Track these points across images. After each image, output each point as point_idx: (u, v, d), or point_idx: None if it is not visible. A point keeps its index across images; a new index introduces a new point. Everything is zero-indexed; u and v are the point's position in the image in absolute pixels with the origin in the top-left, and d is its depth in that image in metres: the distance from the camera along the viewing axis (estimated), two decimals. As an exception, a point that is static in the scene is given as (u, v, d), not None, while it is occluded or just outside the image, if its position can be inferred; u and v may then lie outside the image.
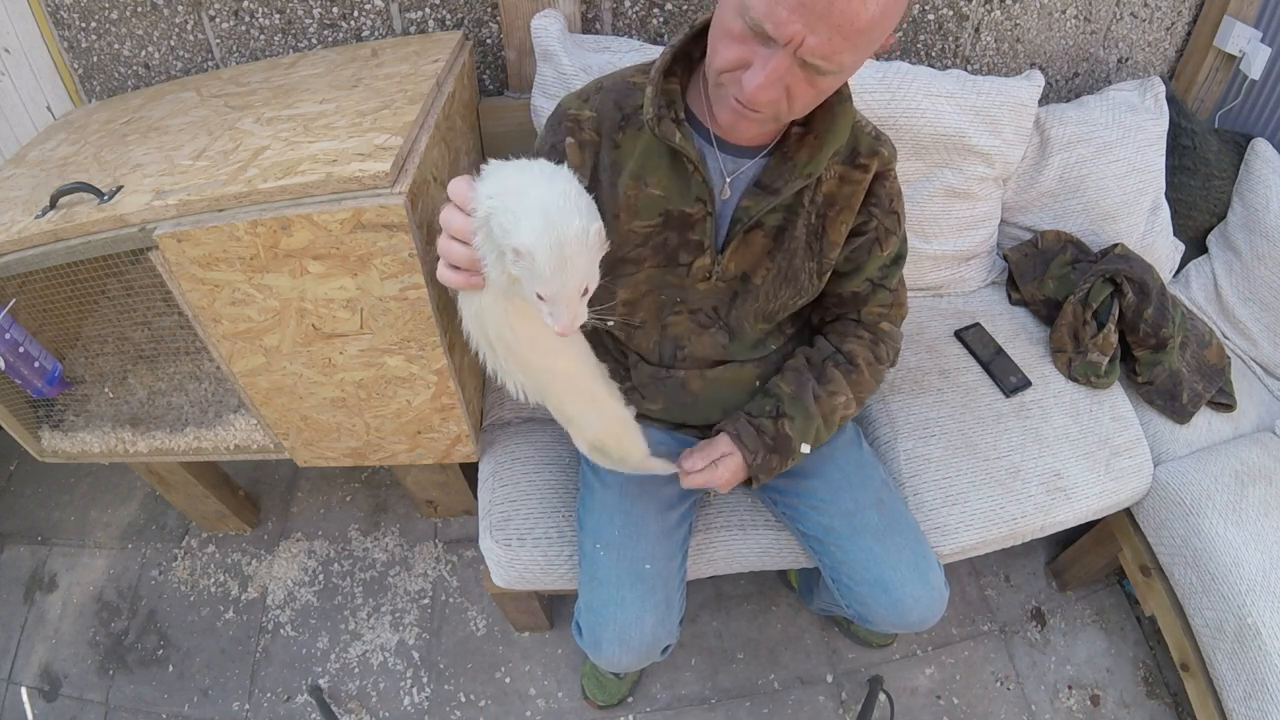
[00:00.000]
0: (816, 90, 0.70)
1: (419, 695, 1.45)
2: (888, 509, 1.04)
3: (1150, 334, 1.32)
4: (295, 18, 1.34)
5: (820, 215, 0.88)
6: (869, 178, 0.87)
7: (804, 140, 0.83)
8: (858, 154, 0.86)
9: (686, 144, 0.80)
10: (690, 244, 0.88)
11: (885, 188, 0.90)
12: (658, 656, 1.03)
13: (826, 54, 0.63)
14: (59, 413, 1.24)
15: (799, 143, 0.83)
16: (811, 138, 0.82)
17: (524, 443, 1.23)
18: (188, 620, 1.56)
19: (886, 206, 0.90)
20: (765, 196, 0.84)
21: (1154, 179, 1.46)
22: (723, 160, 0.86)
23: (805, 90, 0.69)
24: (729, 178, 0.86)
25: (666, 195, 0.85)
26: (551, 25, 1.23)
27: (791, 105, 0.71)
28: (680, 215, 0.86)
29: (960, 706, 1.44)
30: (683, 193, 0.85)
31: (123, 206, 0.90)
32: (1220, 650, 1.15)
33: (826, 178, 0.86)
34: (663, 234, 0.88)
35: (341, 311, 0.95)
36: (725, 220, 0.88)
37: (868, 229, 0.91)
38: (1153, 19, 1.53)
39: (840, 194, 0.87)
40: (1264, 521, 1.18)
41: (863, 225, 0.91)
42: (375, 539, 1.68)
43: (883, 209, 0.90)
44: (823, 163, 0.81)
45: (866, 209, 0.90)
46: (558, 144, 0.87)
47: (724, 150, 0.85)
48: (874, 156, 0.86)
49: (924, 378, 1.33)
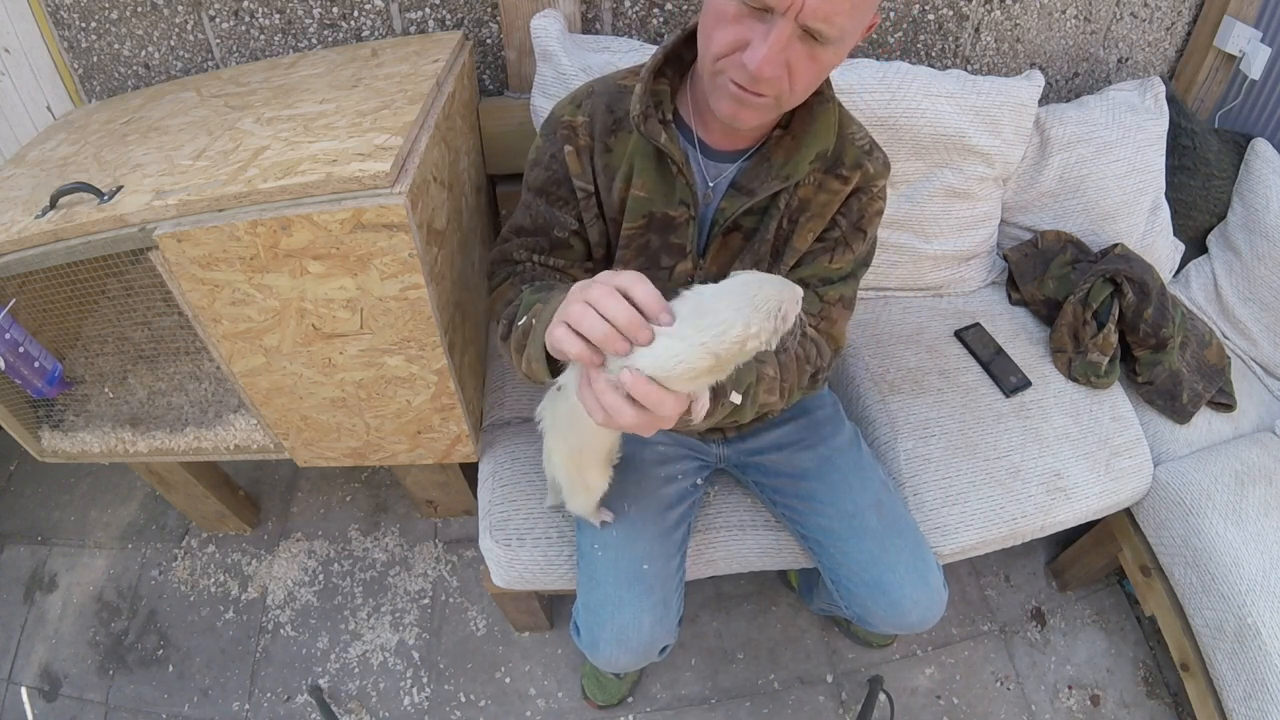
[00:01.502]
0: (818, 66, 0.69)
1: (419, 695, 1.45)
2: (887, 510, 1.04)
3: (1150, 334, 1.32)
4: (295, 18, 1.34)
5: (792, 220, 0.87)
6: (847, 190, 0.86)
7: (781, 142, 0.83)
8: (841, 164, 0.85)
9: (671, 145, 0.80)
10: (672, 247, 0.88)
11: (861, 202, 0.87)
12: (656, 657, 1.03)
13: (827, 14, 0.63)
14: (59, 413, 1.24)
15: (777, 145, 0.83)
16: (789, 139, 0.82)
17: (524, 443, 1.23)
18: (188, 620, 1.56)
19: (855, 220, 0.88)
20: (740, 197, 0.83)
21: (1154, 179, 1.46)
22: (705, 165, 0.86)
23: (807, 66, 0.68)
24: (712, 182, 0.86)
25: (650, 197, 0.85)
26: (551, 25, 1.23)
27: (793, 84, 0.70)
28: (663, 218, 0.86)
29: (960, 706, 1.44)
30: (666, 195, 0.85)
31: (123, 206, 0.90)
32: (1220, 650, 1.15)
33: (806, 184, 0.85)
34: (645, 236, 0.87)
35: (341, 311, 0.95)
36: (707, 224, 0.88)
37: (827, 237, 0.89)
38: (1153, 19, 1.53)
39: (815, 201, 0.86)
40: (1264, 521, 1.18)
41: (825, 233, 0.89)
42: (375, 539, 1.68)
43: (849, 221, 0.88)
44: (801, 166, 0.81)
45: (835, 218, 0.88)
46: (557, 153, 0.87)
47: (707, 155, 0.85)
48: (857, 169, 0.85)
49: (924, 378, 1.33)
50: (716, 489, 1.18)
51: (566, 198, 0.89)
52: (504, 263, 0.93)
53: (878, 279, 1.48)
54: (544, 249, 0.91)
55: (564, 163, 0.86)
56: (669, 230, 0.87)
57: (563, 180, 0.88)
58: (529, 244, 0.91)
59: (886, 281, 1.49)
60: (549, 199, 0.89)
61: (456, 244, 1.12)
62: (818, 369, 0.90)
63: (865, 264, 0.93)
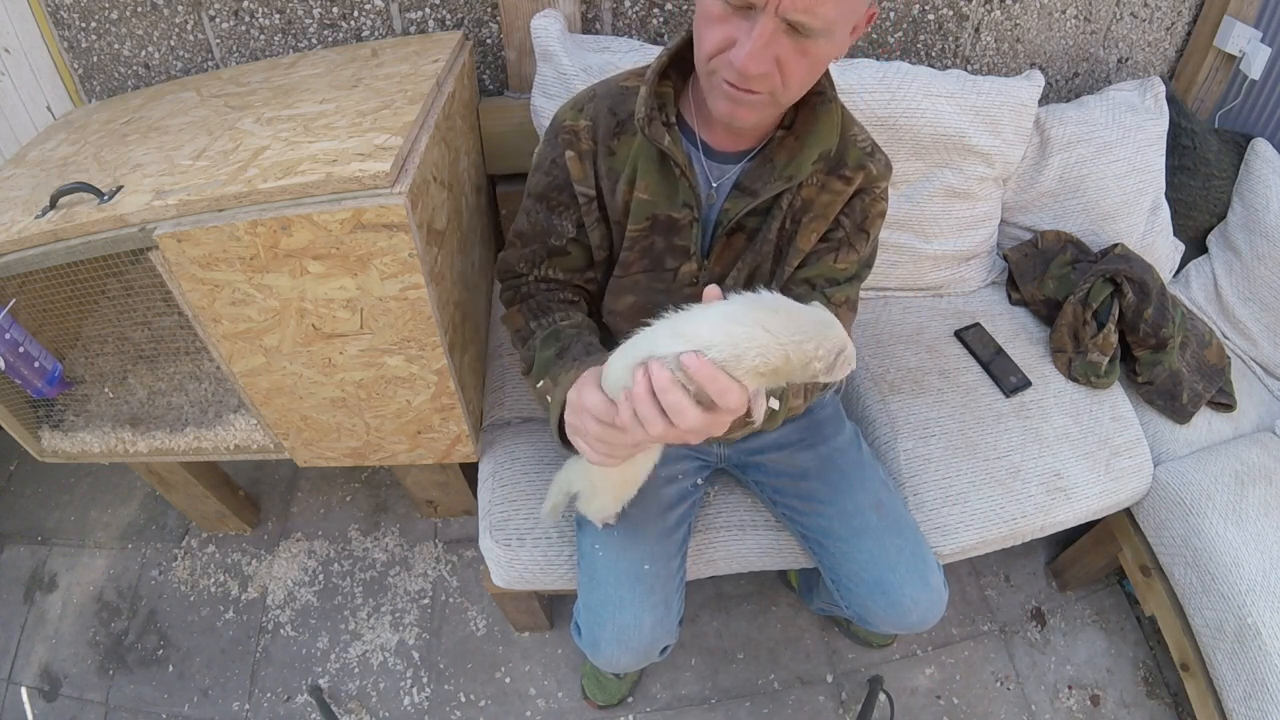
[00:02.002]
0: (808, 60, 0.69)
1: (419, 695, 1.45)
2: (887, 510, 1.04)
3: (1150, 334, 1.32)
4: (295, 18, 1.34)
5: (795, 221, 0.87)
6: (850, 190, 0.86)
7: (784, 142, 0.83)
8: (844, 165, 0.85)
9: (674, 147, 0.80)
10: (676, 249, 0.88)
11: (864, 203, 0.87)
12: (656, 657, 1.03)
13: (808, 6, 0.63)
14: (59, 413, 1.24)
15: (780, 145, 0.83)
16: (792, 139, 0.82)
17: (524, 443, 1.23)
18: (188, 620, 1.56)
19: (858, 221, 0.88)
20: (744, 198, 0.84)
21: (1154, 179, 1.46)
22: (709, 167, 0.86)
23: (796, 61, 0.68)
24: (715, 183, 0.86)
25: (654, 199, 0.85)
26: (551, 25, 1.23)
27: (785, 80, 0.70)
28: (667, 220, 0.86)
29: (960, 706, 1.44)
30: (670, 197, 0.85)
31: (123, 206, 0.90)
32: (1220, 650, 1.15)
33: (808, 184, 0.85)
34: (649, 238, 0.88)
35: (341, 311, 0.95)
36: (711, 225, 0.88)
37: (831, 237, 0.89)
38: (1153, 19, 1.53)
39: (818, 202, 0.86)
40: (1264, 521, 1.18)
41: (828, 233, 0.89)
42: (375, 539, 1.68)
43: (853, 221, 0.88)
44: (804, 166, 0.81)
45: (838, 218, 0.88)
46: (558, 159, 0.87)
47: (710, 157, 0.85)
48: (860, 170, 0.85)
49: (924, 378, 1.33)
50: (717, 489, 1.18)
51: (567, 203, 0.90)
52: (509, 274, 0.96)
53: (878, 279, 1.48)
54: (541, 258, 0.93)
55: (565, 168, 0.87)
56: (673, 232, 0.87)
57: (564, 185, 0.88)
58: (528, 255, 0.94)
59: (886, 281, 1.49)
60: (549, 205, 0.90)
61: (456, 244, 1.12)
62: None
63: (868, 265, 0.93)
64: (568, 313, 0.91)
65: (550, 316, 0.90)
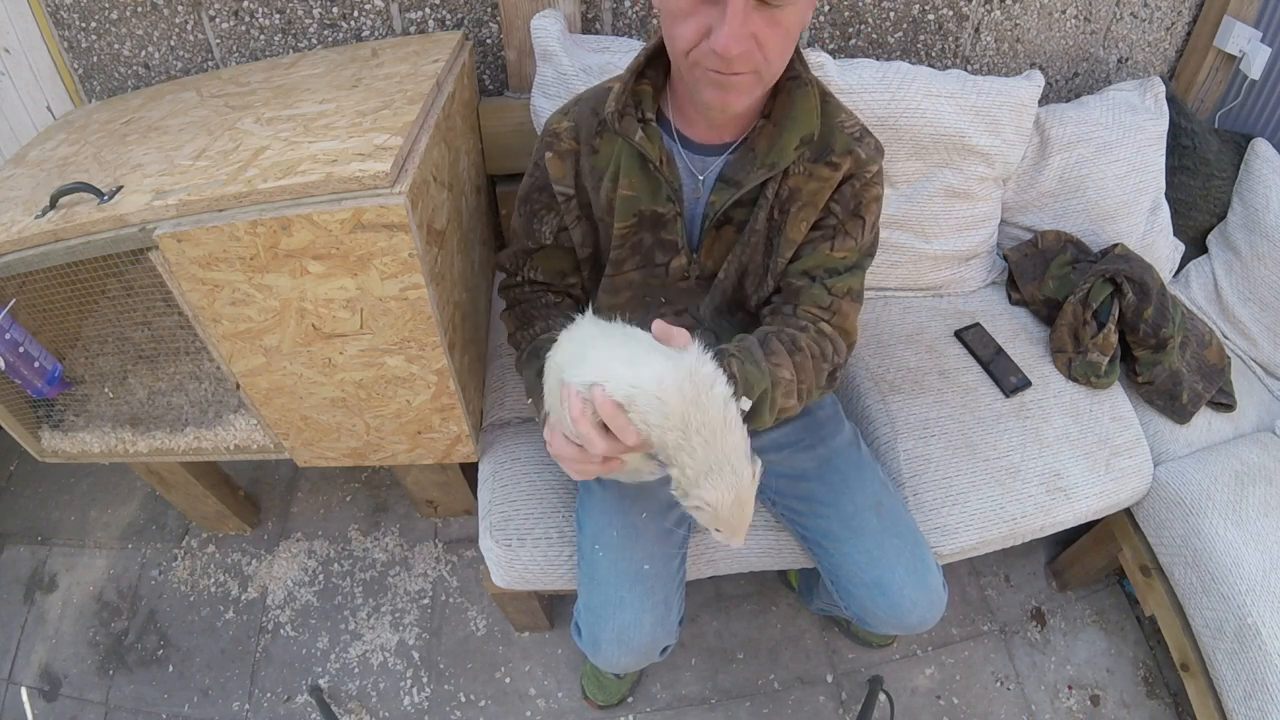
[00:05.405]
0: (782, 29, 0.69)
1: (419, 695, 1.45)
2: (886, 511, 1.04)
3: (1150, 334, 1.32)
4: (295, 18, 1.34)
5: (783, 210, 0.87)
6: (838, 176, 0.85)
7: (764, 130, 0.83)
8: (830, 151, 0.84)
9: (646, 142, 0.81)
10: (665, 244, 0.90)
11: (855, 189, 0.87)
12: (656, 657, 1.03)
13: None
14: (59, 413, 1.24)
15: (760, 134, 0.84)
16: (771, 126, 0.83)
17: (524, 443, 1.23)
18: (188, 620, 1.56)
19: (850, 206, 0.87)
20: (728, 189, 0.84)
21: (1154, 179, 1.46)
22: (691, 160, 0.87)
23: (771, 32, 0.69)
24: (700, 177, 0.87)
25: (638, 195, 0.86)
26: (551, 25, 1.23)
27: (765, 54, 0.70)
28: (653, 215, 0.88)
29: (960, 706, 1.44)
30: (653, 192, 0.86)
31: (123, 206, 0.90)
32: (1220, 650, 1.14)
33: (794, 172, 0.85)
34: (638, 234, 0.89)
35: (341, 311, 0.95)
36: (699, 219, 0.89)
37: (824, 225, 0.88)
38: (1153, 19, 1.53)
39: (805, 190, 0.85)
40: (1264, 521, 1.18)
41: (820, 221, 0.88)
42: (375, 539, 1.68)
43: (845, 208, 0.87)
44: (785, 153, 0.81)
45: (829, 205, 0.87)
46: (540, 160, 0.90)
47: (693, 151, 0.86)
48: (848, 155, 0.84)
49: (924, 378, 1.33)
50: (717, 489, 1.17)
51: (547, 203, 0.92)
52: (502, 272, 1.03)
53: (878, 279, 1.48)
54: (525, 258, 0.99)
55: (544, 169, 0.89)
56: (660, 227, 0.88)
57: (544, 186, 0.91)
58: (515, 255, 0.99)
59: (886, 281, 1.49)
60: (531, 206, 0.94)
61: (456, 244, 1.12)
62: (835, 366, 0.91)
63: (870, 255, 0.93)
64: (549, 322, 0.94)
65: (532, 328, 0.95)
